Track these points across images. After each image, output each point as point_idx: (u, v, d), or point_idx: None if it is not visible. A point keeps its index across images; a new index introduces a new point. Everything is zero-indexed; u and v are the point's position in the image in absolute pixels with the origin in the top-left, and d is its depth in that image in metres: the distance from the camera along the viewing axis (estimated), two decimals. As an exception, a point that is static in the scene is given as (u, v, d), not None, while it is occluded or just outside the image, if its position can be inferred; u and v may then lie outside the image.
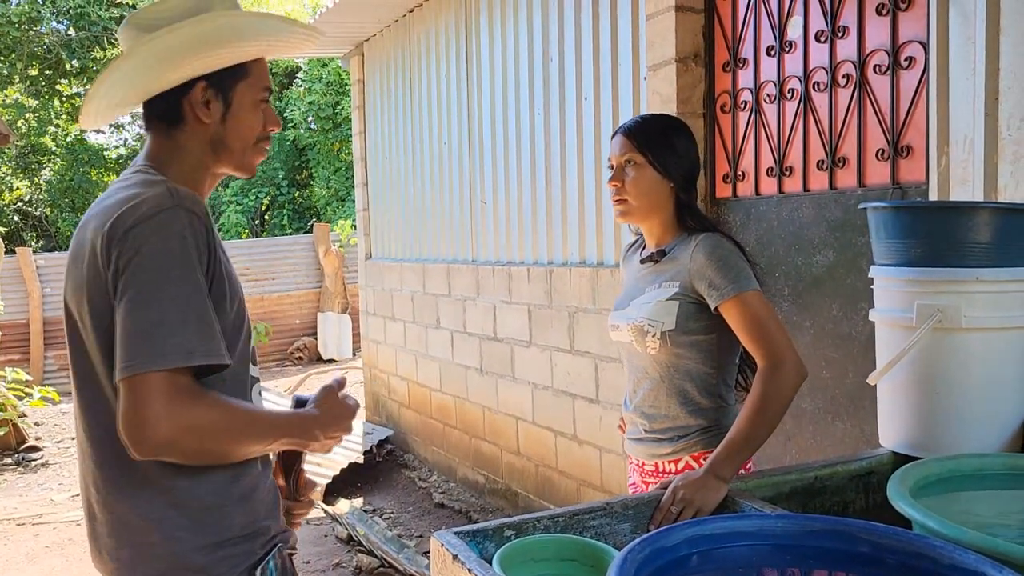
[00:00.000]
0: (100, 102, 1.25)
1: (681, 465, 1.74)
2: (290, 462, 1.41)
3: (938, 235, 1.47)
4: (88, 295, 1.17)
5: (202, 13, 1.21)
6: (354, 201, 8.85)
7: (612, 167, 1.78)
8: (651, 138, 1.75)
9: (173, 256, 1.11)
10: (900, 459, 1.52)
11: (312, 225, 11.79)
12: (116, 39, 13.54)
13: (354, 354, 10.42)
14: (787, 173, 2.82)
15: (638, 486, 1.84)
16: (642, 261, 1.82)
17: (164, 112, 1.26)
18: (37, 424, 7.45)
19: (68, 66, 14.56)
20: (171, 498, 1.17)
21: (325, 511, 4.69)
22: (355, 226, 8.81)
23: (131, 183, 1.22)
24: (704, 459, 1.67)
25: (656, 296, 1.73)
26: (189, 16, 1.20)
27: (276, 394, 6.09)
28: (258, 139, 1.31)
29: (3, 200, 14.76)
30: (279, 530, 1.30)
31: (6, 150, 13.83)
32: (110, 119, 1.34)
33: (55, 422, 7.80)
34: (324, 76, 13.04)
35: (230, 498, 1.20)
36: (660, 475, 1.77)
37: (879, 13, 2.46)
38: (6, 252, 8.84)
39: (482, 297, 4.68)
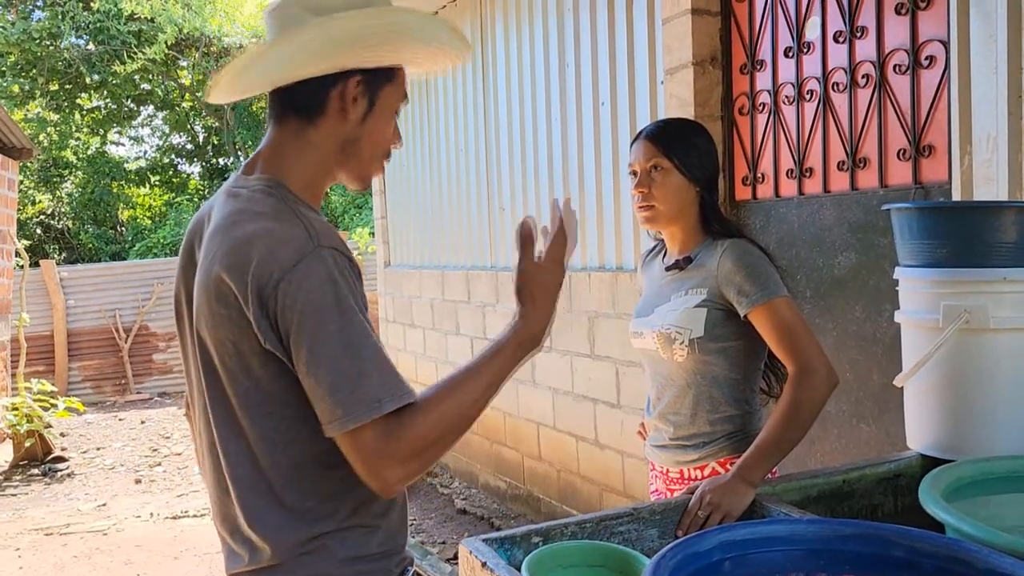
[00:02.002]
0: (254, 78, 1.19)
1: (707, 471, 1.73)
2: None
3: (964, 235, 1.46)
4: (229, 337, 1.14)
5: (371, 5, 1.17)
6: (371, 209, 8.90)
7: (635, 173, 1.78)
8: (675, 142, 1.74)
9: (328, 306, 1.08)
10: (929, 461, 1.51)
11: (330, 233, 11.83)
12: (135, 53, 13.61)
13: (373, 361, 10.45)
14: (807, 174, 2.81)
15: (662, 493, 1.83)
16: (667, 268, 1.81)
17: (305, 101, 1.19)
18: (63, 435, 7.54)
19: (88, 80, 14.76)
20: (313, 518, 1.18)
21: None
22: (373, 234, 8.85)
23: (259, 211, 1.15)
24: (730, 465, 1.67)
25: (683, 303, 1.72)
26: (360, 5, 1.16)
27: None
28: (385, 152, 1.27)
29: (26, 213, 14.96)
30: (407, 550, 1.31)
31: (28, 164, 14.03)
32: (247, 94, 1.27)
33: (80, 432, 7.89)
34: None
35: (368, 516, 1.21)
36: (685, 482, 1.76)
37: (898, 12, 2.45)
38: (30, 265, 8.97)
39: (502, 303, 4.68)
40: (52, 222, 15.83)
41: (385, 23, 1.16)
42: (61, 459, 6.74)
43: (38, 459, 6.66)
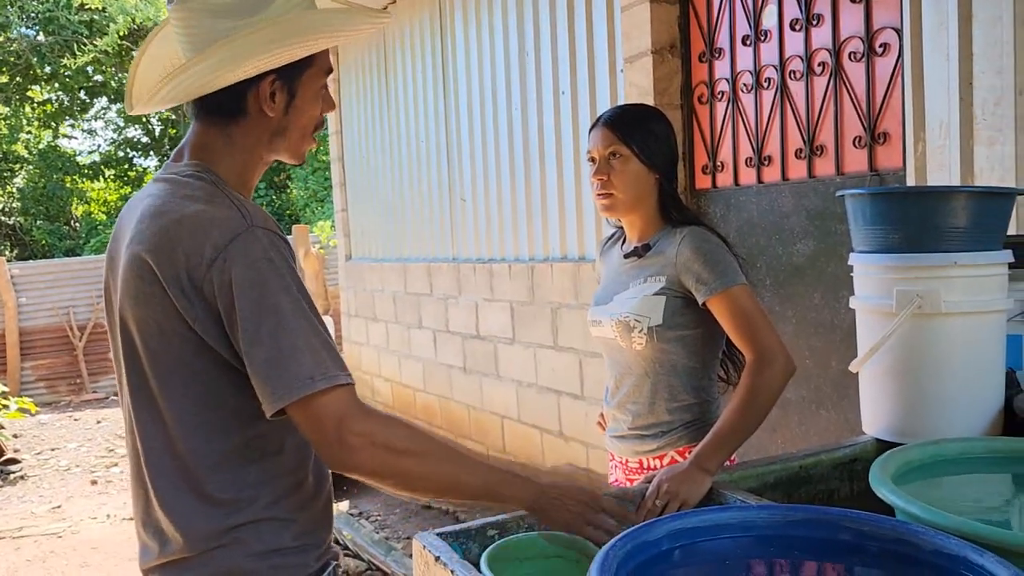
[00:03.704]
0: (172, 91, 1.18)
1: (666, 461, 1.72)
2: None
3: (915, 221, 1.47)
4: (153, 316, 1.12)
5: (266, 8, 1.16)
6: (333, 202, 8.81)
7: (593, 160, 1.75)
8: (634, 129, 1.72)
9: (263, 283, 1.07)
10: (884, 446, 1.52)
11: (291, 227, 11.70)
12: (86, 44, 13.28)
13: (337, 356, 10.35)
14: (766, 163, 2.82)
15: (621, 483, 1.82)
16: (626, 256, 1.80)
17: (225, 105, 1.19)
18: (15, 436, 7.34)
19: (39, 72, 14.36)
20: (228, 509, 1.16)
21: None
22: (335, 227, 8.76)
23: (189, 194, 1.14)
24: (689, 453, 1.66)
25: (642, 291, 1.71)
26: (262, 3, 1.15)
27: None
28: (316, 126, 1.26)
29: (-24, 210, 14.56)
30: (331, 545, 1.28)
31: (-22, 159, 13.63)
32: (164, 107, 1.28)
33: (34, 434, 7.69)
34: (300, 76, 12.94)
35: (285, 509, 1.19)
36: (645, 472, 1.75)
37: (853, 0, 2.46)
38: (-20, 262, 8.71)
39: (464, 295, 4.65)
40: (3, 218, 15.41)
41: (295, 27, 1.15)
42: (14, 461, 6.56)
43: (-10, 461, 6.49)
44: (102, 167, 16.38)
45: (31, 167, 15.66)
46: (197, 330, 1.10)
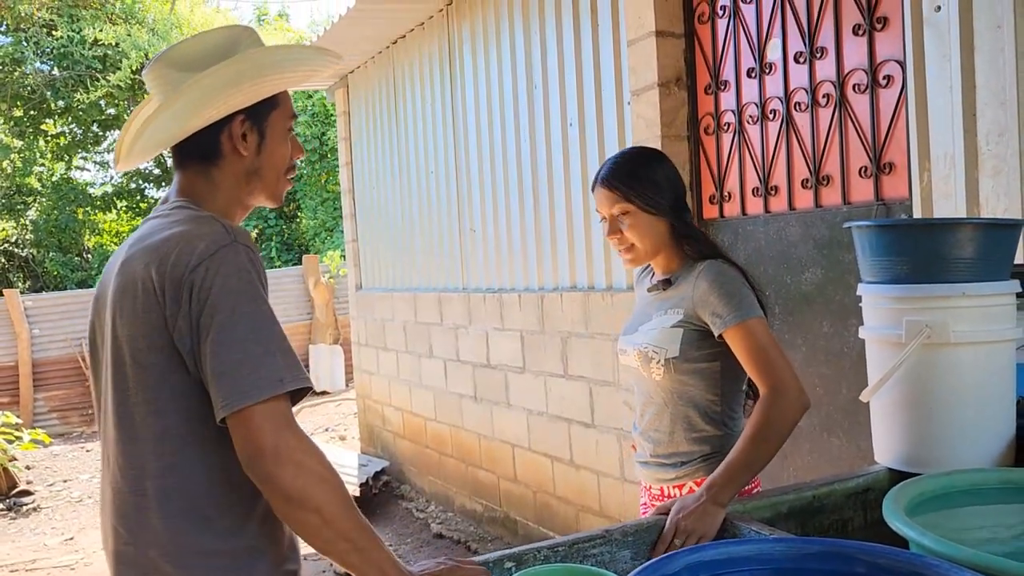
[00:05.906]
0: (145, 142, 1.27)
1: (685, 491, 1.74)
2: None
3: (923, 252, 1.49)
4: (143, 331, 1.17)
5: (235, 49, 1.25)
6: (342, 232, 8.87)
7: (604, 219, 1.79)
8: (633, 184, 1.74)
9: (241, 292, 1.13)
10: (896, 475, 1.53)
11: (301, 257, 11.77)
12: (99, 79, 13.45)
13: (347, 385, 10.37)
14: (772, 192, 2.85)
15: (649, 507, 1.86)
16: (649, 289, 1.85)
17: (201, 149, 1.27)
18: (28, 468, 7.36)
19: (52, 106, 14.57)
20: (203, 542, 1.17)
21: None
22: (344, 257, 8.82)
23: (177, 219, 1.22)
24: (705, 484, 1.67)
25: (661, 323, 1.75)
26: (224, 53, 1.24)
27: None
28: (288, 168, 1.34)
29: (-11, 242, 14.70)
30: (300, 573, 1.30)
31: (-8, 192, 13.79)
32: (147, 158, 1.37)
33: (46, 465, 7.71)
34: (309, 108, 13.13)
35: (258, 541, 1.20)
36: (666, 499, 1.78)
37: (856, 33, 2.51)
38: (-6, 294, 8.78)
39: (474, 325, 4.68)
40: (16, 250, 15.55)
41: (252, 66, 1.24)
42: (27, 493, 6.57)
43: (2, 493, 6.50)
44: (114, 199, 16.53)
45: (44, 199, 15.82)
46: (175, 339, 1.14)
